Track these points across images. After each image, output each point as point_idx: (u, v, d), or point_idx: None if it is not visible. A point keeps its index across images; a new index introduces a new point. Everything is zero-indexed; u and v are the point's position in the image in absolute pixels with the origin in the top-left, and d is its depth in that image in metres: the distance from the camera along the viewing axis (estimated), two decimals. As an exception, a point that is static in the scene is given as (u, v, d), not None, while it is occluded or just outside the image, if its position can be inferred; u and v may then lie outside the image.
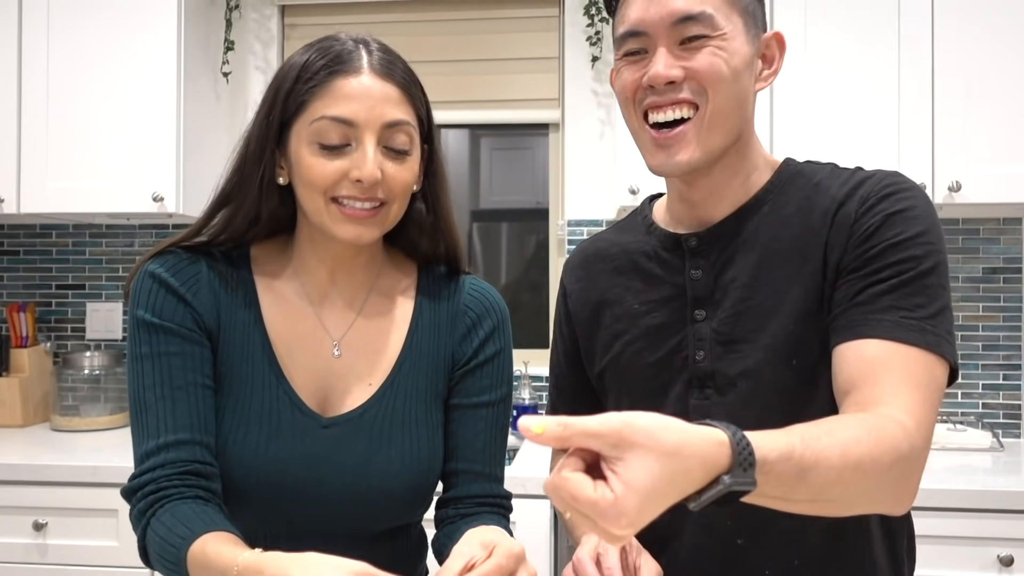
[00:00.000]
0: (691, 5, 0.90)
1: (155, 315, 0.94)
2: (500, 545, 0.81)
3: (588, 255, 1.11)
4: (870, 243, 0.89)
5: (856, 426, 0.76)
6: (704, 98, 0.90)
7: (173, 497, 0.89)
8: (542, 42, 2.54)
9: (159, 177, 2.24)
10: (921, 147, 2.04)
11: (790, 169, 1.00)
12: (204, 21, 2.42)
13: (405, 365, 1.01)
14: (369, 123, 0.91)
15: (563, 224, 2.52)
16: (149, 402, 0.92)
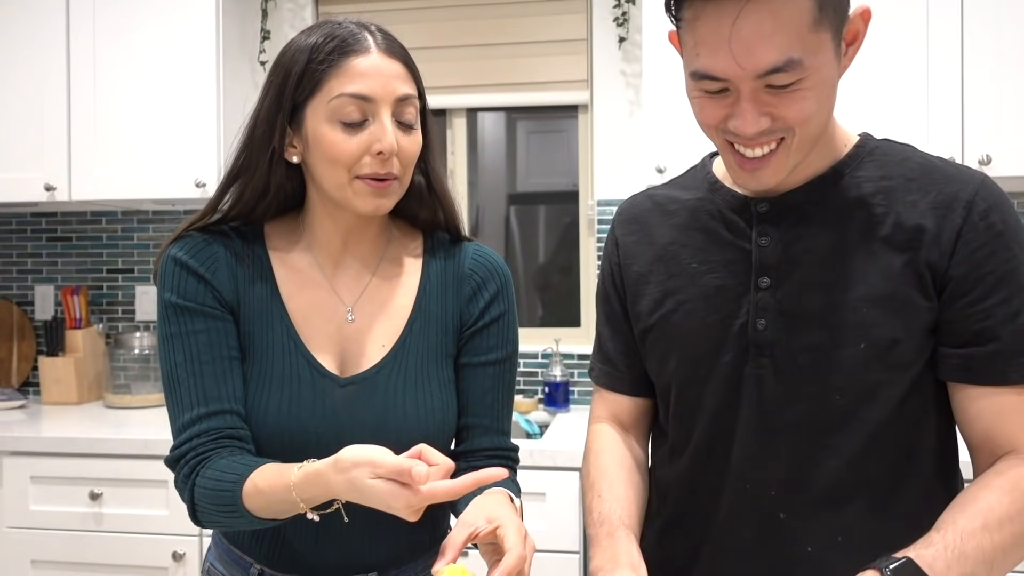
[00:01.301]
0: (778, 56, 0.80)
1: (180, 296, 1.02)
2: (506, 524, 0.87)
3: (644, 208, 1.08)
4: (987, 267, 0.88)
5: (1001, 501, 0.84)
6: (792, 133, 0.86)
7: (212, 457, 0.98)
8: (570, 24, 2.56)
9: (201, 164, 2.33)
10: (951, 120, 2.03)
11: (869, 145, 0.97)
12: (241, 11, 2.50)
13: (416, 325, 1.07)
14: (384, 98, 0.97)
15: (592, 204, 2.55)
16: (181, 378, 1.00)
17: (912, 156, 0.96)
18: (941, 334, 0.91)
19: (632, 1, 2.41)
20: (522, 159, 2.80)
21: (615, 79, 2.51)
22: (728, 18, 0.80)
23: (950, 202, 0.90)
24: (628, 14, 2.42)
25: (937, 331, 0.91)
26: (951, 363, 0.91)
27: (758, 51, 0.80)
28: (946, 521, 0.84)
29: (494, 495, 0.96)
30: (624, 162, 2.52)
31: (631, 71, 2.50)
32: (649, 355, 1.04)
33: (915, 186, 0.92)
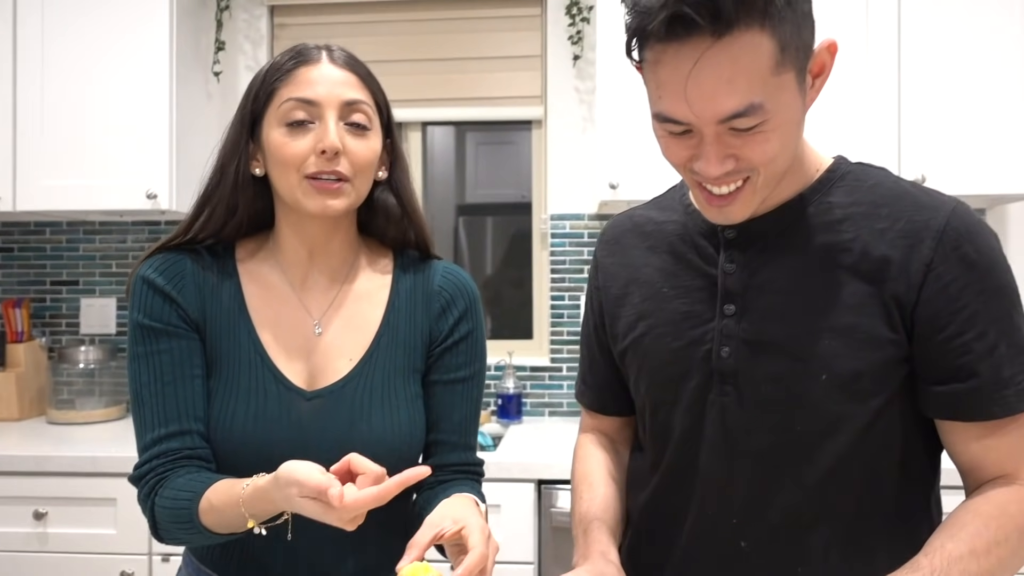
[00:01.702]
0: (739, 101, 0.79)
1: (146, 316, 1.04)
2: (470, 525, 0.90)
3: (623, 229, 1.09)
4: (961, 301, 0.86)
5: (988, 526, 0.85)
6: (756, 173, 0.85)
7: (169, 477, 1.00)
8: (525, 41, 2.60)
9: (152, 175, 2.29)
10: (888, 140, 2.12)
11: (841, 169, 0.95)
12: (195, 21, 2.48)
13: (383, 340, 1.09)
14: (329, 101, 1.01)
15: (546, 218, 2.59)
16: (145, 398, 1.03)
17: (883, 181, 0.94)
18: (920, 370, 0.90)
19: (586, 20, 2.46)
20: (471, 171, 2.82)
21: (569, 95, 2.56)
22: (685, 66, 0.79)
23: (919, 231, 0.87)
24: (582, 32, 2.46)
25: (915, 367, 0.90)
26: (935, 401, 0.90)
27: (718, 98, 0.79)
28: (934, 546, 0.84)
29: (460, 499, 0.99)
30: (577, 177, 2.56)
31: (584, 88, 2.54)
32: (628, 376, 1.06)
33: (884, 213, 0.90)
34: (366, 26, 2.64)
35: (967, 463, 0.92)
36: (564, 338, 2.57)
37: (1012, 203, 2.41)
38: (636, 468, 1.09)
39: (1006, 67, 2.09)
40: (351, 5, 2.63)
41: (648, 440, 1.04)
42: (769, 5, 0.77)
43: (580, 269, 2.56)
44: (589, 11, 2.45)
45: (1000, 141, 2.09)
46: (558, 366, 2.57)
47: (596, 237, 2.51)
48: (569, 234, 2.57)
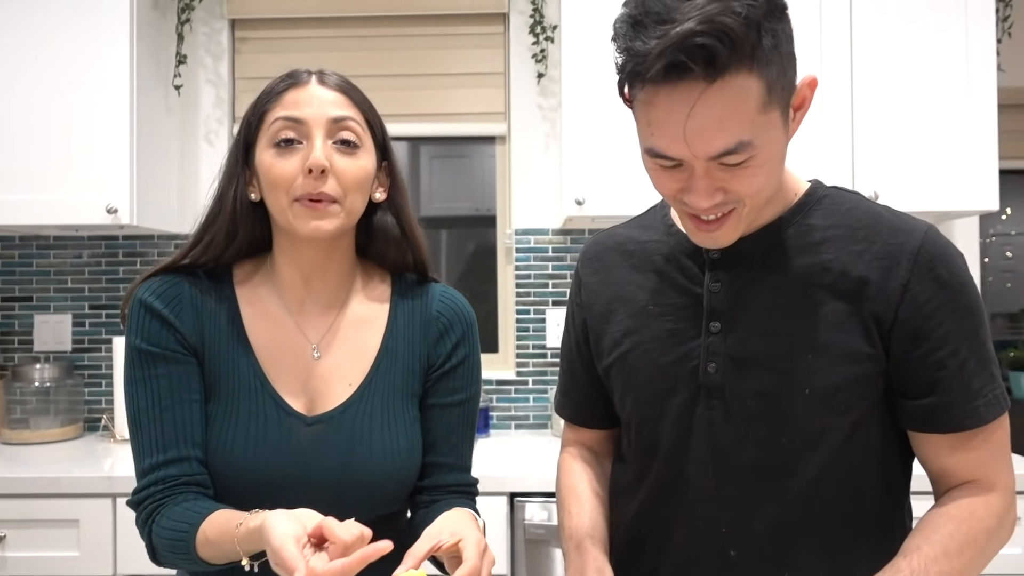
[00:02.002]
0: (730, 140, 0.83)
1: (144, 341, 1.04)
2: (467, 538, 0.92)
3: (606, 247, 1.12)
4: (936, 319, 0.91)
5: (959, 528, 0.91)
6: (743, 204, 0.89)
7: (167, 504, 1.01)
8: (488, 59, 2.63)
9: (112, 189, 2.25)
10: (842, 158, 2.21)
11: (818, 193, 1.00)
12: (155, 34, 2.45)
13: (382, 365, 1.10)
14: (316, 120, 1.02)
15: (510, 233, 2.62)
16: (143, 424, 1.03)
17: (859, 205, 0.99)
18: (896, 385, 0.95)
19: (551, 39, 2.51)
20: (425, 184, 2.84)
21: (533, 113, 2.60)
22: (684, 106, 0.82)
23: (895, 253, 0.92)
24: (546, 51, 2.51)
25: (892, 382, 0.95)
26: (911, 414, 0.95)
27: (711, 137, 0.83)
28: (910, 548, 0.90)
29: (459, 512, 1.00)
30: (541, 192, 2.60)
31: (548, 105, 2.59)
32: (612, 391, 1.08)
33: (861, 235, 0.95)
34: (329, 41, 2.64)
35: (938, 471, 0.97)
36: (530, 351, 2.60)
37: (957, 219, 2.53)
38: (620, 480, 1.11)
39: (952, 91, 2.20)
40: (314, 20, 2.63)
41: (633, 453, 1.07)
42: (757, 49, 0.81)
43: (545, 283, 2.59)
44: (553, 30, 2.49)
45: (946, 161, 2.20)
46: (524, 379, 2.60)
47: (560, 252, 2.57)
48: (533, 249, 2.60)
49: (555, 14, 2.50)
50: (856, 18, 2.20)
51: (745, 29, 0.79)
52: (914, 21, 2.20)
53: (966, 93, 2.19)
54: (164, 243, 2.61)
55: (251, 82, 2.64)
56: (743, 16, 0.79)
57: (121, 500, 1.96)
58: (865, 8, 2.20)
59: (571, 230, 2.58)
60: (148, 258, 2.62)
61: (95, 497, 1.96)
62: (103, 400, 2.60)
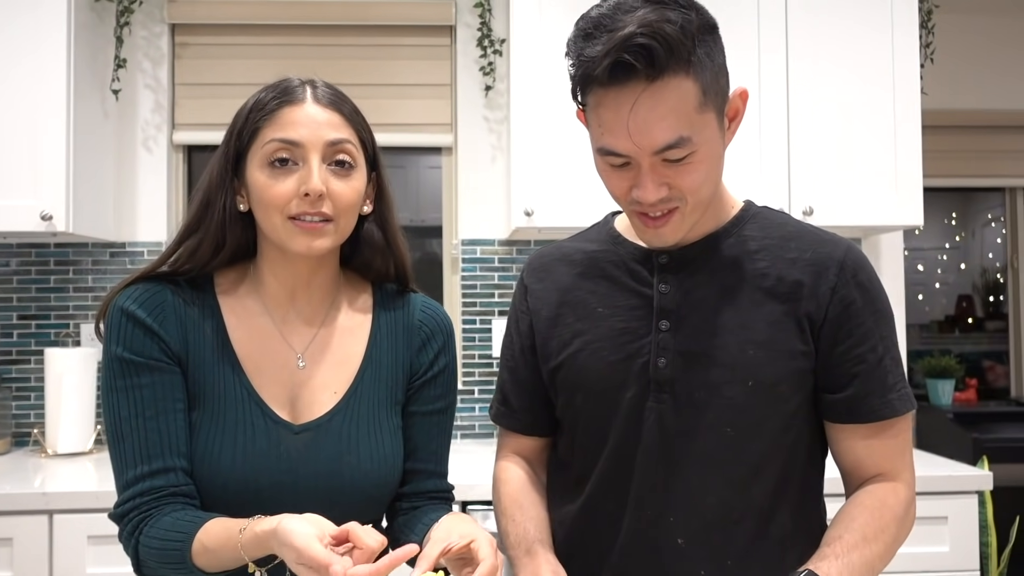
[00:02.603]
0: (670, 135, 0.92)
1: (126, 349, 1.01)
2: (479, 539, 0.92)
3: (552, 258, 1.17)
4: (858, 319, 1.02)
5: (874, 516, 1.00)
6: (684, 202, 0.98)
7: (154, 515, 0.99)
8: (435, 70, 2.65)
9: (48, 195, 2.18)
10: (779, 177, 2.31)
11: (752, 210, 1.11)
12: (93, 37, 2.39)
13: (367, 374, 1.10)
14: (313, 142, 1.02)
15: (457, 243, 2.64)
16: (125, 433, 1.01)
17: (788, 221, 1.11)
18: (821, 380, 1.05)
19: (499, 52, 2.54)
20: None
21: (479, 124, 2.62)
22: (626, 105, 0.92)
23: (824, 260, 1.04)
24: (494, 64, 2.54)
25: (817, 378, 1.04)
26: (834, 407, 1.05)
27: (653, 132, 0.93)
28: (833, 536, 0.99)
29: (460, 516, 1.01)
30: (487, 203, 2.62)
31: (494, 117, 2.62)
32: (559, 392, 1.12)
33: (793, 245, 1.06)
34: (273, 49, 2.61)
35: (851, 463, 1.07)
36: (476, 361, 2.62)
37: (884, 234, 2.66)
38: (559, 484, 1.15)
39: (880, 114, 2.33)
40: (257, 27, 2.60)
41: (577, 453, 1.11)
42: (692, 55, 0.92)
43: (491, 293, 2.62)
44: (501, 44, 2.53)
45: (875, 179, 2.33)
46: (470, 388, 2.61)
47: (506, 262, 2.60)
48: (479, 259, 2.62)
49: (502, 28, 2.53)
50: (792, 45, 2.31)
51: (680, 36, 0.91)
52: (845, 47, 2.32)
53: (892, 115, 2.32)
54: (99, 251, 2.54)
55: (191, 88, 2.59)
56: (679, 25, 0.91)
57: (58, 516, 1.89)
58: (800, 36, 2.31)
59: (517, 241, 2.61)
60: (81, 266, 2.54)
61: (30, 514, 1.89)
62: (32, 414, 2.50)
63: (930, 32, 2.52)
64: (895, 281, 2.67)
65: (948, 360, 3.06)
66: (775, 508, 1.04)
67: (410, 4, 2.61)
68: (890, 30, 2.33)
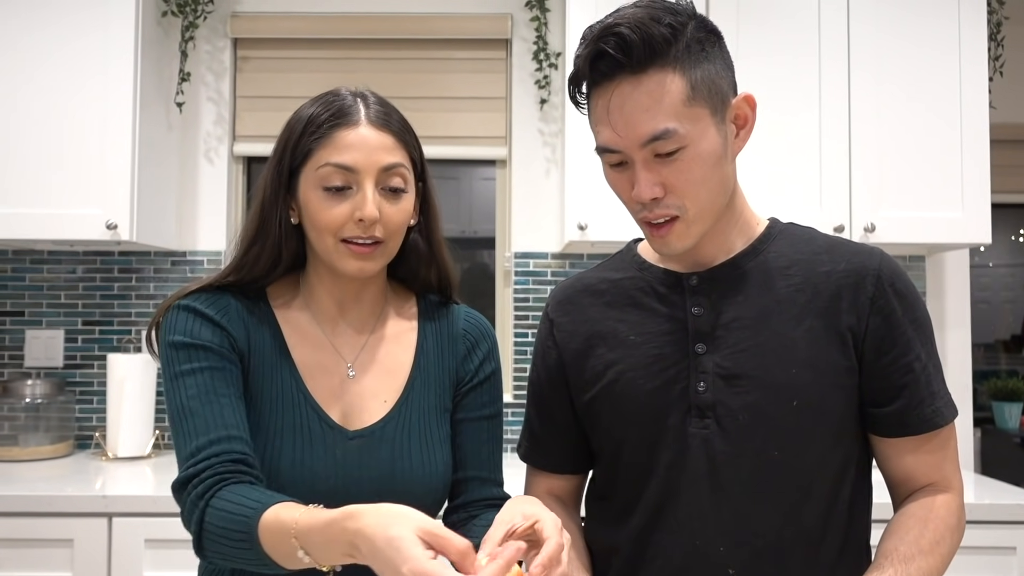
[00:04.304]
0: (654, 125, 0.93)
1: (191, 336, 1.02)
2: (544, 519, 0.87)
3: (576, 290, 1.16)
4: (900, 328, 1.01)
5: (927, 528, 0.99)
6: (684, 209, 0.97)
7: (230, 481, 0.94)
8: (491, 83, 2.66)
9: (113, 205, 2.24)
10: (840, 193, 2.25)
11: (778, 226, 1.10)
12: (158, 52, 2.45)
13: (416, 382, 1.12)
14: (368, 168, 1.03)
15: (510, 256, 2.64)
16: (195, 408, 0.98)
17: (816, 235, 1.10)
18: (867, 394, 1.02)
19: (554, 66, 2.54)
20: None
21: (534, 137, 2.62)
22: (608, 97, 0.95)
23: (860, 271, 1.03)
24: (550, 78, 2.54)
25: (863, 392, 1.02)
26: (884, 421, 1.03)
27: (636, 123, 0.94)
28: (888, 550, 0.98)
29: (525, 497, 1.00)
30: (541, 216, 2.62)
31: (549, 130, 2.62)
32: (595, 424, 1.10)
33: (825, 259, 1.05)
34: (331, 63, 2.65)
35: (901, 476, 1.06)
36: (527, 375, 2.60)
37: (949, 251, 2.58)
38: (601, 515, 1.13)
39: (947, 128, 2.26)
40: (315, 41, 2.64)
41: (619, 485, 1.09)
42: (676, 51, 0.94)
43: (543, 306, 2.60)
44: (557, 57, 2.53)
45: (941, 195, 2.25)
46: (521, 402, 2.60)
47: (559, 275, 2.59)
48: (532, 272, 2.62)
49: (558, 41, 2.53)
50: (854, 59, 2.26)
51: (666, 33, 0.93)
52: (909, 60, 2.26)
53: (959, 129, 2.25)
54: (160, 259, 2.60)
55: (252, 100, 2.65)
56: (665, 23, 0.93)
57: (117, 519, 1.93)
58: (862, 49, 2.26)
59: (570, 254, 2.60)
60: (144, 274, 2.60)
61: (90, 516, 1.93)
62: (94, 417, 2.56)
63: (999, 44, 2.44)
64: (960, 300, 2.59)
65: (1016, 382, 2.95)
66: (825, 531, 1.01)
67: (467, 18, 2.62)
68: (957, 43, 2.26)
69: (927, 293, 2.59)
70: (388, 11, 2.63)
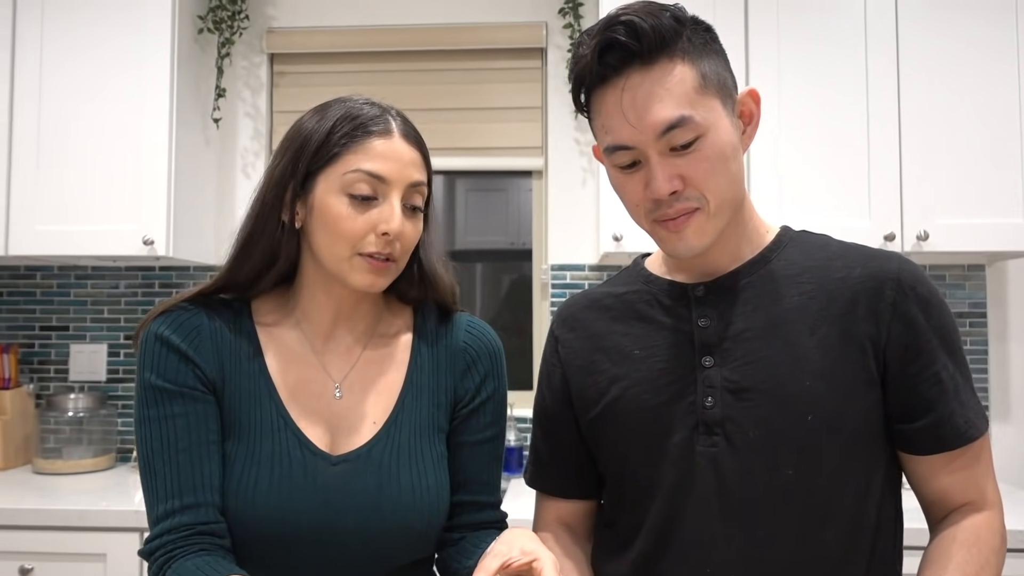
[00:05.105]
0: (670, 112, 0.89)
1: (159, 377, 0.99)
2: (543, 558, 0.85)
3: (581, 306, 1.12)
4: (925, 336, 0.94)
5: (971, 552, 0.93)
6: (705, 200, 0.92)
7: (178, 556, 0.95)
8: (526, 92, 2.62)
9: (150, 221, 2.27)
10: (890, 199, 2.14)
11: (789, 233, 1.04)
12: (195, 67, 2.47)
13: (407, 401, 1.06)
14: (398, 181, 0.99)
15: (547, 268, 2.58)
16: (157, 467, 0.98)
17: (828, 241, 1.04)
18: (893, 408, 0.95)
19: (588, 74, 2.48)
20: (460, 217, 2.82)
21: (570, 147, 2.57)
22: (619, 90, 0.91)
23: (877, 276, 0.96)
24: (584, 86, 2.48)
25: (888, 406, 0.95)
26: (913, 437, 0.96)
27: (651, 112, 0.89)
28: None
29: (523, 530, 0.95)
30: (578, 227, 2.56)
31: (585, 140, 2.56)
32: (600, 444, 1.05)
33: (839, 264, 0.99)
34: (367, 76, 2.64)
35: (936, 495, 0.99)
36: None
37: (1012, 259, 2.44)
38: (606, 542, 1.07)
39: (1005, 131, 2.12)
40: (350, 55, 2.64)
41: (624, 509, 1.03)
42: (682, 43, 0.91)
43: (580, 320, 2.54)
44: (591, 65, 2.47)
45: (998, 202, 2.12)
46: (557, 418, 2.54)
47: (596, 288, 2.52)
48: (569, 284, 2.56)
49: (593, 49, 2.48)
50: (903, 58, 2.14)
51: (671, 22, 0.91)
52: (962, 63, 2.14)
53: (1020, 131, 2.12)
54: (199, 275, 2.62)
55: (289, 116, 2.65)
56: (669, 14, 0.91)
57: (148, 535, 1.93)
58: (911, 48, 2.15)
59: (608, 266, 2.54)
60: (183, 289, 2.61)
61: (123, 531, 1.94)
62: (135, 431, 2.59)
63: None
64: (1022, 311, 2.44)
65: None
66: (846, 558, 0.94)
67: (501, 28, 2.59)
68: (1015, 39, 2.13)
69: (988, 304, 2.45)
70: (422, 23, 2.61)
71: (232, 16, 2.50)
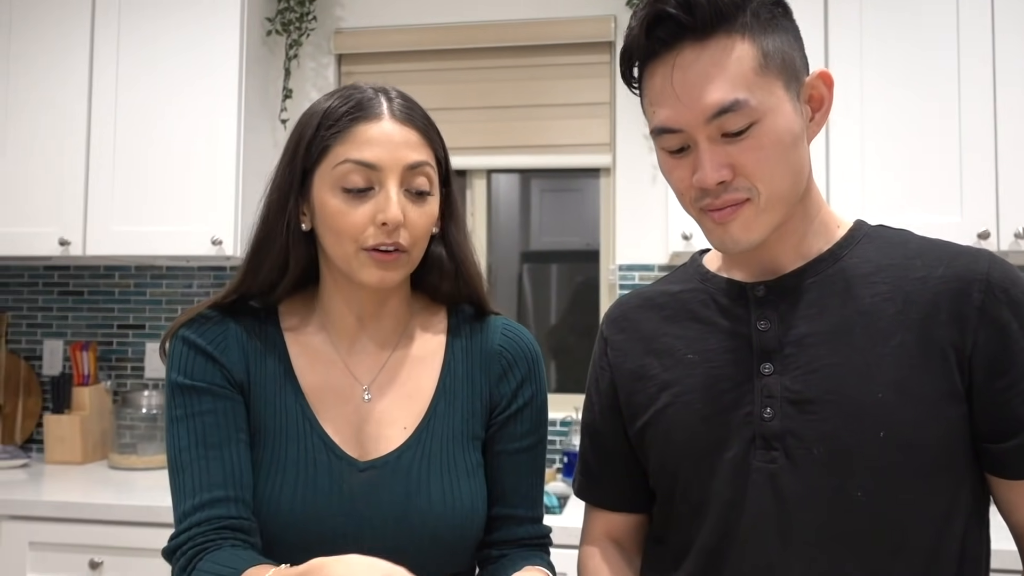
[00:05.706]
0: (723, 95, 0.81)
1: (186, 376, 0.96)
2: None
3: (632, 306, 1.04)
4: (1019, 345, 0.84)
5: None
6: (756, 192, 0.84)
7: (211, 549, 0.90)
8: (593, 88, 2.55)
9: (219, 221, 2.30)
10: (985, 194, 1.99)
11: (864, 228, 0.95)
12: (263, 69, 2.50)
13: (440, 407, 1.01)
14: (391, 166, 0.93)
15: (614, 268, 2.51)
16: (185, 463, 0.94)
17: (911, 238, 0.93)
18: (980, 425, 0.85)
19: (657, 67, 2.40)
20: (536, 217, 2.78)
21: (638, 143, 2.49)
22: (668, 68, 0.83)
23: (965, 276, 0.86)
24: (653, 80, 2.40)
25: (974, 423, 0.85)
26: (1003, 459, 0.85)
27: (703, 92, 0.81)
28: None
29: (534, 573, 0.89)
30: (646, 226, 2.48)
31: (655, 136, 2.47)
32: (648, 455, 0.98)
33: (920, 263, 0.89)
34: (433, 74, 2.63)
35: None
36: (630, 394, 2.47)
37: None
38: (654, 560, 1.00)
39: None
40: (418, 54, 2.63)
41: (672, 526, 0.96)
42: (743, 18, 0.82)
43: (649, 322, 2.46)
44: (661, 58, 2.39)
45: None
46: (625, 423, 2.47)
47: (666, 289, 2.43)
48: (637, 285, 2.48)
49: (664, 41, 2.39)
50: (999, 44, 2.00)
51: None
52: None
53: None
54: (268, 274, 2.64)
55: (356, 115, 2.65)
56: None
57: (212, 533, 1.95)
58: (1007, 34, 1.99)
59: (676, 266, 2.44)
60: (253, 289, 2.65)
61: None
62: (206, 428, 2.63)
63: None
64: None
65: None
66: None
67: (568, 23, 2.53)
68: None
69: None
70: (489, 19, 2.57)
71: (300, 18, 2.52)
